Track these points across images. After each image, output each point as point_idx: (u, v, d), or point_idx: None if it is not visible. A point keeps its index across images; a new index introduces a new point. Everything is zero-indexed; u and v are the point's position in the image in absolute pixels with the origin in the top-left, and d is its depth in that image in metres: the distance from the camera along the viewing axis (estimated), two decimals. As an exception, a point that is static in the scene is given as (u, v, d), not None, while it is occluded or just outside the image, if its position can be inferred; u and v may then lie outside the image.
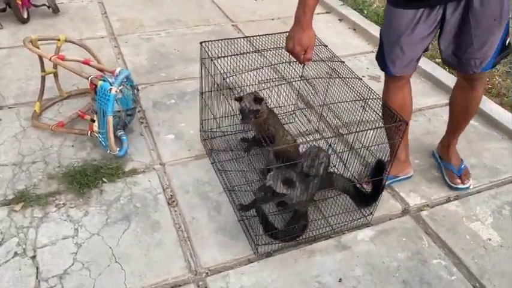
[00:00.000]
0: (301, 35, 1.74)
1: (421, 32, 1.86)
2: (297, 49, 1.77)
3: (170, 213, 2.07)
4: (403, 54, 1.93)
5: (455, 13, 1.79)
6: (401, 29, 1.86)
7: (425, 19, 1.82)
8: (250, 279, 1.79)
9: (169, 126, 2.61)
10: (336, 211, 2.01)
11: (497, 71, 3.32)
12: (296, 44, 1.76)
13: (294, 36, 1.76)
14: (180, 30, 3.79)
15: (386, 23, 1.97)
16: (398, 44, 1.90)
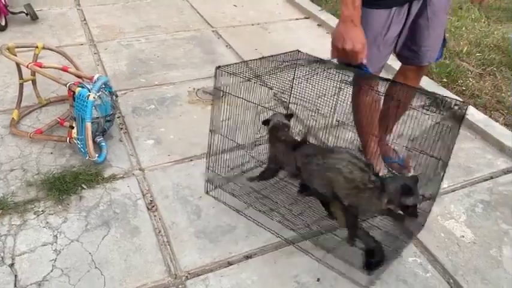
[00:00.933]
0: (357, 32, 1.69)
1: (395, 30, 1.93)
2: (357, 47, 1.70)
3: (150, 218, 2.08)
4: (380, 53, 1.99)
5: (416, 8, 1.88)
6: (378, 29, 1.91)
7: (397, 17, 1.89)
8: (230, 281, 1.81)
9: (149, 132, 2.62)
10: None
11: (471, 73, 3.41)
12: (355, 42, 1.69)
13: (348, 34, 1.68)
14: (160, 36, 3.80)
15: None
16: (375, 44, 1.94)
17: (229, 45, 3.71)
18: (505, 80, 3.34)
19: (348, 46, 1.68)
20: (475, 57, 3.61)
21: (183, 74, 3.24)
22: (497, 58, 3.60)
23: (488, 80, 3.32)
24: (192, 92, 3.02)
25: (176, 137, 2.58)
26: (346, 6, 1.68)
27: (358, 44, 1.69)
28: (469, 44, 3.83)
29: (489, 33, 4.08)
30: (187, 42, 3.72)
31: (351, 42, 1.68)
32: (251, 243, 1.97)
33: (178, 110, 2.83)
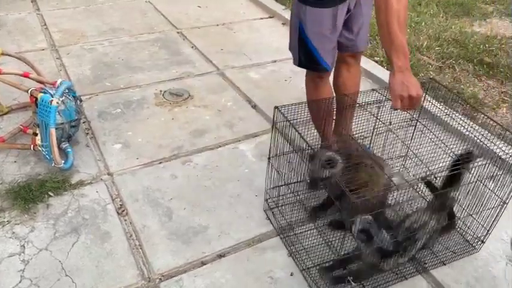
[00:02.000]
0: (414, 78, 1.69)
1: (341, 22, 2.02)
2: (420, 91, 1.68)
3: (120, 223, 2.05)
4: (334, 49, 2.08)
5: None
6: (329, 26, 1.98)
7: (342, 10, 1.97)
8: (204, 281, 1.81)
9: (116, 136, 2.59)
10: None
11: (431, 66, 3.52)
12: (418, 87, 1.67)
13: (409, 81, 1.66)
14: (124, 39, 3.75)
15: (311, 23, 1.99)
16: (330, 40, 2.02)
17: (194, 46, 3.70)
18: (464, 72, 3.46)
19: (413, 92, 1.67)
20: (435, 51, 3.72)
21: (148, 76, 3.21)
22: (456, 51, 3.73)
23: (448, 73, 3.44)
24: (159, 94, 3.00)
25: (144, 140, 2.56)
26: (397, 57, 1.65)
27: (419, 88, 1.69)
28: (428, 38, 3.95)
29: (447, 27, 4.21)
30: (152, 44, 3.69)
31: (415, 88, 1.67)
32: (224, 242, 1.98)
33: (145, 112, 2.81)
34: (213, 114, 2.83)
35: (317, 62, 2.09)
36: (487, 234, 1.97)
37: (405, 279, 1.85)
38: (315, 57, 2.07)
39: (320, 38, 2.03)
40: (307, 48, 2.06)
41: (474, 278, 1.89)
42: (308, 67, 2.16)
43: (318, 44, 2.04)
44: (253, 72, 3.36)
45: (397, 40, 1.62)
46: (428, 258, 1.91)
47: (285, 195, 2.10)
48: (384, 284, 1.81)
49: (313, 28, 2.02)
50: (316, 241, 1.94)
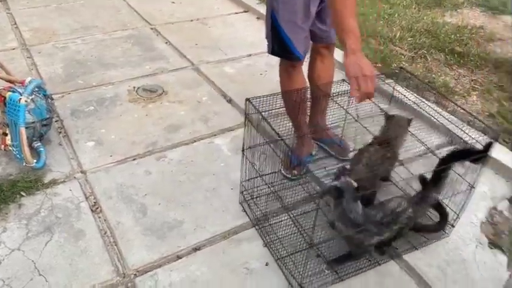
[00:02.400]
0: (367, 61, 1.70)
1: (314, 11, 2.03)
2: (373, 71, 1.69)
3: (94, 220, 2.04)
4: (306, 38, 2.09)
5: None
6: (301, 15, 1.99)
7: (314, 1, 1.99)
8: (180, 274, 1.82)
9: (89, 134, 2.56)
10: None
11: (404, 57, 3.57)
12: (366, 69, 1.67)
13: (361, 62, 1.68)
14: (96, 36, 3.71)
15: (283, 11, 2.00)
16: (301, 28, 2.03)
17: (168, 42, 3.68)
18: (435, 61, 3.52)
19: (367, 71, 1.68)
20: (407, 42, 3.77)
21: (122, 73, 3.18)
22: (428, 42, 3.79)
23: (420, 63, 3.49)
24: (132, 91, 2.98)
25: (117, 137, 2.54)
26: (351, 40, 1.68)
27: (372, 68, 1.71)
28: (401, 29, 4.00)
29: (420, 18, 4.28)
30: (125, 41, 3.65)
31: (367, 67, 1.69)
32: (199, 236, 1.98)
33: (119, 109, 2.79)
34: (188, 110, 2.83)
35: (290, 50, 2.10)
36: (457, 219, 2.01)
37: (378, 265, 1.89)
38: (287, 46, 2.08)
39: (292, 27, 2.04)
40: (280, 37, 2.07)
41: (445, 262, 1.93)
42: (281, 55, 2.17)
43: (290, 32, 2.05)
44: (228, 67, 3.36)
45: (348, 24, 1.68)
46: (401, 244, 1.95)
47: (259, 186, 2.11)
48: (357, 271, 1.85)
49: (285, 16, 2.03)
50: (290, 230, 1.96)
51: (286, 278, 1.81)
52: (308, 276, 1.77)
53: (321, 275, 1.81)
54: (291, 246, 1.90)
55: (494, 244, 2.05)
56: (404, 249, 1.95)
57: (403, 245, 1.95)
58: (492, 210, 2.23)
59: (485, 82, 3.26)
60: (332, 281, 1.80)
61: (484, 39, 3.96)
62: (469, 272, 1.91)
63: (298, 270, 1.78)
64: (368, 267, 1.87)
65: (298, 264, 1.81)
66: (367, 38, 3.76)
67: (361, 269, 1.86)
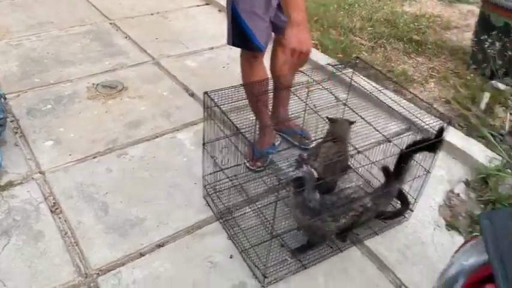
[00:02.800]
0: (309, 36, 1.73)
1: (274, 4, 2.02)
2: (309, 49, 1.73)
3: (54, 221, 1.99)
4: (267, 28, 2.08)
5: None
6: (261, 5, 1.98)
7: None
8: (143, 272, 1.80)
9: (47, 133, 2.49)
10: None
11: (364, 46, 3.63)
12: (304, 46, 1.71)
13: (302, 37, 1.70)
14: (53, 32, 3.60)
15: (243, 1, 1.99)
16: (262, 19, 2.02)
17: (128, 37, 3.61)
18: (394, 50, 3.60)
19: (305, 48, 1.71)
20: (367, 32, 3.84)
21: (80, 69, 3.11)
22: (387, 31, 3.86)
23: (380, 52, 3.56)
24: (92, 88, 2.91)
25: (77, 135, 2.49)
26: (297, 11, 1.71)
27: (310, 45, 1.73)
28: (361, 19, 4.06)
29: (379, 8, 4.36)
30: (83, 36, 3.57)
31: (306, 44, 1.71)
32: (162, 232, 1.97)
33: (78, 107, 2.72)
34: (149, 105, 2.79)
35: (250, 41, 2.07)
36: (415, 203, 2.07)
37: (340, 251, 1.92)
38: (248, 36, 2.06)
39: (252, 17, 2.03)
40: (240, 27, 2.05)
41: (405, 245, 1.99)
42: (242, 46, 2.15)
43: (251, 22, 2.03)
44: (190, 60, 3.33)
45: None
46: (362, 229, 1.99)
47: (222, 180, 2.11)
48: (320, 258, 1.88)
49: (245, 7, 2.01)
50: (253, 222, 1.97)
51: (250, 269, 1.82)
52: (272, 266, 1.79)
53: (285, 264, 1.83)
54: (255, 237, 1.92)
55: (451, 226, 2.12)
56: (366, 235, 1.99)
57: (365, 231, 1.99)
58: (449, 193, 2.30)
59: (442, 69, 3.36)
60: (296, 270, 1.83)
61: (441, 28, 4.07)
62: (428, 253, 1.97)
63: (261, 260, 1.80)
64: (331, 254, 1.90)
65: (261, 255, 1.83)
66: (328, 28, 3.80)
67: (324, 257, 1.89)
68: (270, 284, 1.77)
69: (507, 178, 2.32)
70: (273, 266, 1.79)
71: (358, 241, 1.97)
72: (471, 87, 3.05)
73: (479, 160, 2.42)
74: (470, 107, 2.87)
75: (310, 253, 1.88)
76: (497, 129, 2.69)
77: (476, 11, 4.16)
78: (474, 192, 2.32)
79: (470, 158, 2.46)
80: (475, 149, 2.50)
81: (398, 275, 1.86)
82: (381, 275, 1.86)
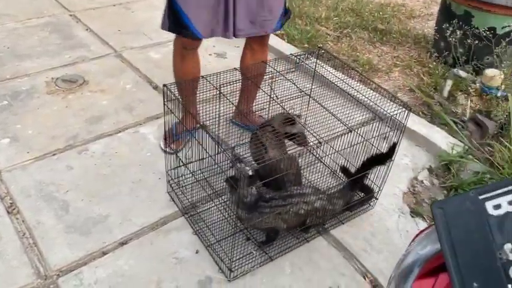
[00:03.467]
0: None
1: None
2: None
3: (11, 222, 1.92)
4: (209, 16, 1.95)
5: None
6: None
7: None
8: (106, 270, 1.76)
9: (3, 130, 2.39)
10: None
11: (330, 36, 3.63)
12: None
13: None
14: (9, 25, 3.46)
15: None
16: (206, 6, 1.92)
17: (89, 29, 3.50)
18: (360, 40, 3.62)
19: None
20: (333, 22, 3.84)
21: (38, 63, 3.00)
22: (352, 20, 3.88)
23: (345, 42, 3.57)
24: (51, 82, 2.81)
25: (35, 131, 2.40)
26: None
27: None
28: (327, 9, 4.06)
29: (345, -3, 4.36)
30: (41, 29, 3.44)
31: None
32: (126, 229, 1.92)
33: (36, 102, 2.63)
34: (111, 99, 2.71)
35: (184, 23, 1.94)
36: (379, 191, 2.09)
37: (307, 242, 1.93)
38: (181, 17, 1.92)
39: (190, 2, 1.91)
40: (174, 9, 1.93)
41: (370, 233, 2.01)
42: (175, 31, 2.02)
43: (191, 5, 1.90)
44: (154, 52, 3.26)
45: None
46: (327, 219, 2.00)
47: (186, 175, 2.08)
48: (286, 250, 1.87)
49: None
50: (218, 217, 1.95)
51: (216, 263, 1.80)
52: (237, 260, 1.77)
53: (251, 257, 1.82)
54: (221, 232, 1.90)
55: (415, 212, 2.16)
56: (331, 224, 2.00)
57: (330, 220, 2.00)
58: (413, 181, 2.34)
59: (406, 58, 3.40)
60: (262, 262, 1.82)
61: (405, 16, 4.11)
62: (393, 241, 1.99)
63: (227, 255, 1.78)
64: (297, 245, 1.90)
65: (227, 249, 1.81)
66: (294, 18, 3.79)
67: (291, 247, 1.89)
68: (236, 278, 1.76)
69: (469, 164, 2.37)
70: (238, 259, 1.78)
71: (324, 230, 1.98)
72: (434, 75, 3.10)
73: (442, 147, 2.47)
74: (433, 95, 2.92)
75: (276, 244, 1.87)
76: (459, 116, 2.75)
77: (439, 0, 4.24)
78: (437, 179, 2.36)
79: (434, 145, 2.50)
80: (438, 136, 2.54)
81: (363, 263, 1.88)
82: (346, 264, 1.87)
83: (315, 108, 2.22)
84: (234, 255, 1.74)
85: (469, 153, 2.47)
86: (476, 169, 2.35)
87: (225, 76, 1.92)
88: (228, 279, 1.75)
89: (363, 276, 1.83)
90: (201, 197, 2.06)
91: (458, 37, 2.96)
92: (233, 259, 1.73)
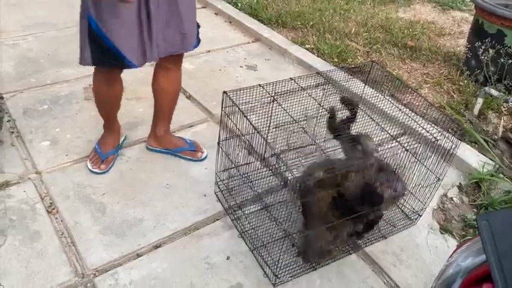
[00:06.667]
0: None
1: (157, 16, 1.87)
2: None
3: (51, 221, 1.99)
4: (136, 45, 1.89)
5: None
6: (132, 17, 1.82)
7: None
8: (140, 272, 1.81)
9: (44, 133, 2.49)
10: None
11: (359, 51, 3.66)
12: None
13: None
14: (49, 33, 3.60)
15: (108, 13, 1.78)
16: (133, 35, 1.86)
17: (125, 39, 3.61)
18: (389, 55, 3.64)
19: None
20: (362, 37, 3.87)
21: (77, 70, 3.09)
22: (382, 36, 3.90)
23: (375, 57, 3.59)
24: (88, 88, 2.91)
25: (73, 135, 2.49)
26: None
27: None
28: (356, 25, 4.10)
29: (374, 14, 4.40)
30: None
31: None
32: (159, 233, 1.98)
33: (74, 108, 2.73)
34: (146, 106, 2.79)
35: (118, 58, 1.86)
36: (423, 209, 2.08)
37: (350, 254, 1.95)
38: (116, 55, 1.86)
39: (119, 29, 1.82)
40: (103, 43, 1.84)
41: (399, 248, 2.02)
42: (105, 64, 1.94)
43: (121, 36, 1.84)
44: (187, 63, 3.34)
45: None
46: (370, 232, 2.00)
47: (234, 177, 2.14)
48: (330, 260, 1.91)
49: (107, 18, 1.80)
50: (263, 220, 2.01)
51: (261, 267, 1.85)
52: (283, 266, 1.81)
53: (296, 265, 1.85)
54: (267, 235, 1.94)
55: (445, 229, 2.15)
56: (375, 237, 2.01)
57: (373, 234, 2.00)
58: (443, 197, 2.34)
59: (436, 75, 3.40)
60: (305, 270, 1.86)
61: (435, 34, 4.12)
62: (422, 256, 2.00)
63: (273, 259, 1.82)
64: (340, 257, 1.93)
65: (274, 253, 1.85)
66: (324, 33, 3.84)
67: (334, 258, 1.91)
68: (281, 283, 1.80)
69: (499, 183, 2.36)
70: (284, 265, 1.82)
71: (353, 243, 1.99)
72: (464, 93, 3.10)
73: (472, 165, 2.46)
74: (463, 113, 2.91)
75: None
76: (490, 135, 2.74)
77: (469, 18, 4.24)
78: (467, 197, 2.35)
79: (464, 163, 2.49)
80: (468, 154, 2.54)
81: (392, 277, 1.88)
82: (375, 277, 1.88)
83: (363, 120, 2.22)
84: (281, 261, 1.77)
85: (499, 172, 2.45)
86: (507, 188, 2.33)
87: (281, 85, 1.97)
88: (272, 282, 1.79)
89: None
90: (247, 200, 2.11)
91: (490, 55, 2.96)
92: (279, 265, 1.77)
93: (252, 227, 1.99)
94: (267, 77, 3.21)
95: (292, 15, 4.13)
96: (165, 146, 2.39)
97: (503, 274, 0.76)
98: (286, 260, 1.85)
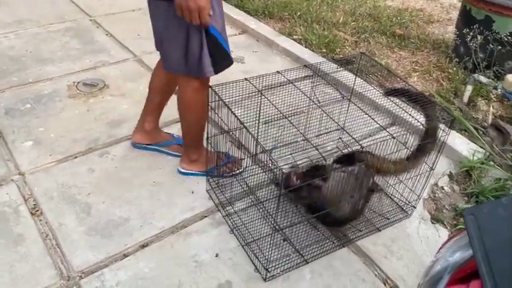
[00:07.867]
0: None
1: None
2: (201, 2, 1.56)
3: (35, 224, 1.95)
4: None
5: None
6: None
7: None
8: (127, 273, 1.77)
9: (26, 133, 2.44)
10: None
11: (347, 41, 3.62)
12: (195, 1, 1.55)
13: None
14: (31, 30, 3.53)
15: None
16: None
17: (109, 34, 3.55)
18: (378, 44, 3.60)
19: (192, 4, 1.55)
20: (350, 26, 3.83)
21: (60, 68, 3.05)
22: (370, 25, 3.87)
23: (363, 47, 3.56)
24: (72, 86, 2.86)
25: (57, 135, 2.44)
26: None
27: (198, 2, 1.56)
28: (344, 14, 4.05)
29: (362, 3, 4.36)
30: (63, 34, 3.49)
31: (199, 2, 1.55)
32: (146, 232, 1.94)
33: (58, 106, 2.67)
34: (131, 103, 2.74)
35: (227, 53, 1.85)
36: (418, 199, 2.06)
37: (342, 246, 1.93)
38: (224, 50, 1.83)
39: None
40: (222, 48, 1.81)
41: (390, 239, 2.00)
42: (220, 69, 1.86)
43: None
44: (173, 57, 3.28)
45: None
46: (363, 225, 2.00)
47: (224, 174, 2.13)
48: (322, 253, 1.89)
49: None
50: (255, 216, 1.98)
51: (252, 262, 1.82)
52: (274, 260, 1.79)
53: (287, 259, 1.83)
54: (257, 231, 1.92)
55: (436, 219, 2.14)
56: (351, 230, 1.99)
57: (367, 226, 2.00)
58: (434, 187, 2.32)
59: (425, 63, 3.37)
60: (297, 265, 1.83)
61: (423, 22, 4.09)
62: (413, 247, 1.98)
63: (263, 254, 1.80)
64: (333, 249, 1.91)
65: (264, 248, 1.83)
66: (311, 23, 3.79)
67: (326, 251, 1.89)
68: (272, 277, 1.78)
69: (490, 170, 2.35)
70: (275, 260, 1.80)
71: (344, 237, 1.97)
72: (454, 81, 3.07)
73: (463, 153, 2.44)
74: (453, 101, 2.89)
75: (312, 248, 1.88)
76: (480, 122, 2.72)
77: (458, 5, 4.20)
78: (458, 185, 2.34)
79: (454, 151, 2.47)
80: (458, 142, 2.52)
81: (384, 269, 1.86)
82: (367, 270, 1.86)
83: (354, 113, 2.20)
84: (271, 256, 1.76)
85: (490, 159, 2.44)
86: (498, 176, 2.32)
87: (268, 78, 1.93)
88: (263, 277, 1.77)
89: (383, 283, 1.82)
90: (238, 196, 2.09)
91: (479, 42, 2.93)
92: (270, 259, 1.75)
93: (242, 223, 1.96)
94: (254, 69, 3.16)
95: (280, 5, 4.07)
96: (154, 140, 2.34)
97: (491, 270, 0.73)
98: (277, 255, 1.83)
